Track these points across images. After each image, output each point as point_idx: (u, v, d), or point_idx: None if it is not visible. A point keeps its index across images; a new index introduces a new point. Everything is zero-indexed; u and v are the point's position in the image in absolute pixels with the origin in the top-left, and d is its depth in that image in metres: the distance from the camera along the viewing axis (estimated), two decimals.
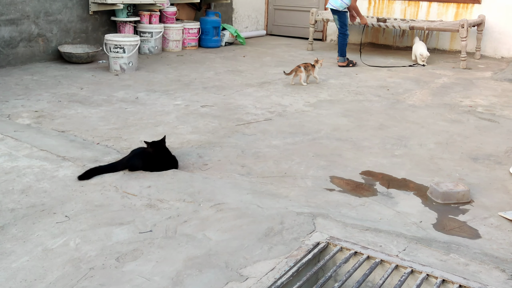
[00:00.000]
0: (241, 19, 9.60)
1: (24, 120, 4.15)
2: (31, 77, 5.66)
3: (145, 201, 2.76)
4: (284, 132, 4.08)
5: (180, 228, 2.46)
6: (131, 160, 3.19)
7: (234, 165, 3.37)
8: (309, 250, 2.24)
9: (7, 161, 3.21)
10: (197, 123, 4.26)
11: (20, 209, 2.60)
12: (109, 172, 3.08)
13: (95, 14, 6.99)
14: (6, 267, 2.10)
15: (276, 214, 2.62)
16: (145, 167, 3.17)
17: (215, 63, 7.02)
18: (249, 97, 5.18)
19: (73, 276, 2.05)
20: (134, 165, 3.16)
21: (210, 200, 2.78)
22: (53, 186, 2.89)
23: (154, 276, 2.06)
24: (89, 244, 2.29)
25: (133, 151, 3.30)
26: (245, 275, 2.06)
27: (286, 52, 8.12)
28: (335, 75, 6.47)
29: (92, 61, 6.63)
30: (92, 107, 4.62)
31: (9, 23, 6.04)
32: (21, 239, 2.32)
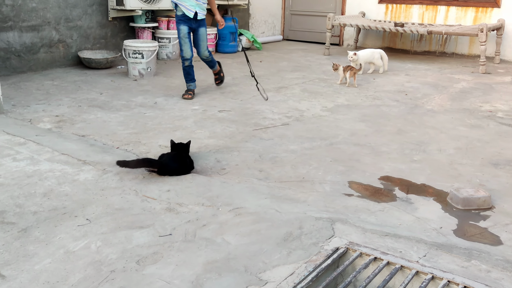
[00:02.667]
0: (258, 25, 9.64)
1: (45, 124, 4.22)
2: (51, 82, 5.76)
3: (164, 204, 2.78)
4: (302, 137, 4.08)
5: (199, 232, 2.48)
6: (170, 163, 3.23)
7: (251, 169, 3.38)
8: (328, 255, 2.24)
9: (29, 165, 3.27)
10: (214, 128, 4.28)
11: (42, 212, 2.65)
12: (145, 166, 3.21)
13: (114, 20, 7.09)
14: (29, 269, 2.14)
15: (294, 219, 2.62)
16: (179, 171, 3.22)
17: (232, 68, 7.05)
18: (266, 102, 5.19)
19: (94, 279, 2.08)
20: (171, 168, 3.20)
21: (229, 204, 2.79)
22: (74, 189, 2.94)
23: (174, 280, 2.07)
24: (110, 247, 2.32)
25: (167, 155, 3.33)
26: (264, 279, 2.07)
27: (303, 57, 8.12)
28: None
29: (111, 66, 6.72)
30: (111, 111, 4.68)
31: (30, 29, 6.17)
32: (43, 241, 2.36)
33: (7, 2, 5.87)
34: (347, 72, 5.99)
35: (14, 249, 2.29)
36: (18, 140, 3.73)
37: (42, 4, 6.23)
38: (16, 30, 6.02)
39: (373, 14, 9.17)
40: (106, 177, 3.13)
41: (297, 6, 9.98)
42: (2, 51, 5.83)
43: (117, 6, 6.79)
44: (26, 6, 6.07)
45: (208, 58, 5.46)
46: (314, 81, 6.26)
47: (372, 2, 9.15)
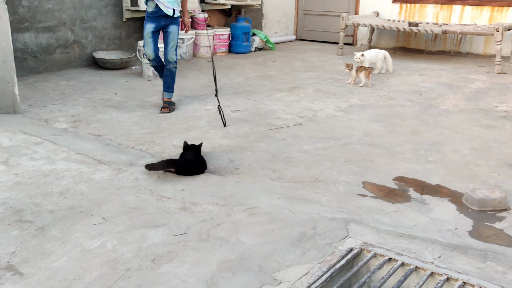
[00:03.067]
0: (271, 25, 9.65)
1: (61, 124, 4.27)
2: (67, 83, 5.83)
3: (179, 204, 2.80)
4: (315, 137, 4.07)
5: (214, 231, 2.49)
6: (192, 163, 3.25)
7: (265, 169, 3.39)
8: (342, 255, 2.24)
9: (46, 164, 3.31)
10: (227, 128, 4.30)
11: (59, 210, 2.69)
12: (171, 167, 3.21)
13: (129, 21, 7.15)
14: (47, 266, 2.17)
15: (308, 219, 2.62)
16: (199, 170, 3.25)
17: (245, 68, 7.07)
18: (279, 102, 5.19)
19: (110, 277, 2.10)
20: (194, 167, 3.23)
21: (242, 204, 2.80)
22: (90, 188, 2.97)
23: (189, 278, 2.09)
24: (125, 246, 2.35)
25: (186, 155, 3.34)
26: (278, 279, 2.08)
27: (316, 57, 8.10)
28: None
29: (126, 67, 6.78)
30: (126, 112, 4.73)
31: (46, 30, 6.25)
32: (60, 239, 2.40)
33: (24, 4, 5.96)
34: (361, 72, 5.97)
35: (32, 247, 2.33)
36: (35, 139, 3.79)
37: (58, 5, 6.31)
38: (33, 31, 6.11)
39: (387, 14, 9.12)
40: (122, 176, 3.16)
41: (310, 6, 9.96)
42: (18, 52, 5.91)
43: (131, 7, 6.84)
44: (42, 7, 6.15)
45: (174, 64, 4.79)
46: (328, 81, 6.24)
47: (386, 2, 9.10)
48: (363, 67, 6.00)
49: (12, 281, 2.07)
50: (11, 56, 4.43)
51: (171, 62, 4.78)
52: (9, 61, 4.42)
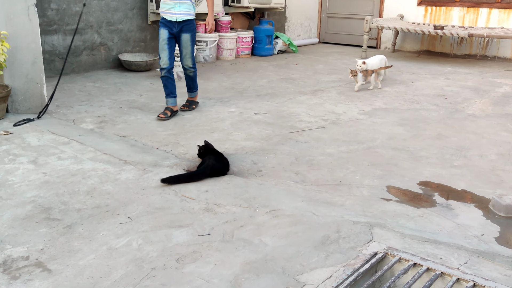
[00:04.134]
0: (294, 27, 9.65)
1: (88, 125, 4.35)
2: (93, 84, 5.94)
3: (202, 205, 2.83)
4: (338, 140, 4.06)
5: (237, 232, 2.51)
6: (216, 166, 3.26)
7: (288, 172, 3.39)
8: (366, 259, 2.23)
9: (73, 164, 3.38)
10: (251, 130, 4.32)
11: (86, 209, 2.74)
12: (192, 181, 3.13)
13: (153, 24, 7.25)
14: (74, 264, 2.22)
15: (332, 222, 2.61)
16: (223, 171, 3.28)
17: (268, 71, 7.08)
18: (302, 105, 5.19)
19: (136, 275, 2.14)
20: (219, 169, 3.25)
21: (266, 206, 2.81)
22: (116, 188, 3.02)
23: (213, 279, 2.11)
24: (150, 245, 2.38)
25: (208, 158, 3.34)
26: (302, 281, 2.08)
27: (339, 60, 8.07)
28: (390, 83, 6.37)
29: (150, 69, 6.87)
30: (151, 113, 4.79)
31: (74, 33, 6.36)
32: (87, 238, 2.45)
33: (53, 6, 6.09)
34: (370, 75, 5.83)
35: (60, 244, 2.38)
36: (62, 139, 3.87)
37: (85, 8, 6.42)
38: (61, 33, 6.24)
39: (411, 17, 9.03)
40: (147, 176, 3.21)
41: (334, 8, 9.93)
42: (47, 54, 6.05)
43: (156, 10, 6.92)
44: (70, 10, 6.28)
45: (190, 70, 4.74)
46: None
47: (411, 5, 9.01)
48: (371, 70, 5.88)
49: (41, 277, 2.12)
50: (40, 57, 4.54)
51: (188, 68, 4.76)
52: (38, 63, 4.53)
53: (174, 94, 4.74)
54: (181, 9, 4.52)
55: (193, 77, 4.85)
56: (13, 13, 4.33)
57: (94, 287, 2.05)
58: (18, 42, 4.37)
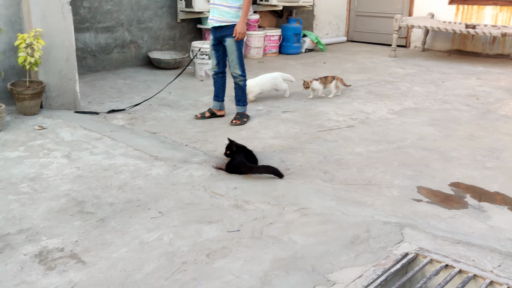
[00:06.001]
0: (322, 26, 9.59)
1: (119, 121, 4.43)
2: (123, 81, 6.04)
3: (232, 201, 2.85)
4: (367, 140, 4.03)
5: (266, 229, 2.52)
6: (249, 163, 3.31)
7: (316, 171, 3.38)
8: (397, 260, 2.21)
9: (105, 159, 3.45)
10: (278, 128, 4.32)
11: (118, 203, 2.80)
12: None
13: (183, 22, 7.32)
14: (107, 256, 2.27)
15: (361, 222, 2.60)
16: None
17: (296, 69, 7.07)
18: (330, 104, 5.17)
19: (167, 269, 2.17)
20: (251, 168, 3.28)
21: (294, 204, 2.82)
22: (147, 183, 3.07)
23: (243, 274, 2.13)
24: (181, 240, 2.42)
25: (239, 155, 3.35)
26: (332, 280, 2.07)
27: (368, 59, 7.99)
28: (420, 82, 6.27)
29: (179, 67, 6.94)
30: (180, 110, 4.84)
31: (105, 31, 6.50)
32: (119, 231, 2.50)
33: (85, 5, 6.22)
34: (330, 83, 5.38)
35: (93, 237, 2.44)
36: (94, 135, 3.95)
37: (116, 6, 6.54)
38: (92, 31, 6.36)
39: (442, 16, 8.86)
40: (177, 172, 3.25)
41: (362, 7, 9.83)
42: (79, 51, 6.17)
43: (186, 8, 7.00)
44: (101, 8, 6.40)
45: (238, 78, 4.45)
46: (380, 83, 6.15)
47: (442, 3, 8.85)
48: (331, 77, 5.45)
49: (76, 268, 2.17)
50: (74, 54, 4.65)
51: (235, 76, 4.45)
52: (72, 60, 4.64)
53: (219, 98, 4.63)
54: (213, 15, 4.30)
55: (242, 87, 4.49)
56: (48, 11, 4.45)
57: (127, 279, 2.09)
58: (52, 40, 4.48)
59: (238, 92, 4.55)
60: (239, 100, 4.57)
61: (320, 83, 5.35)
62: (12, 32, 4.46)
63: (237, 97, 4.57)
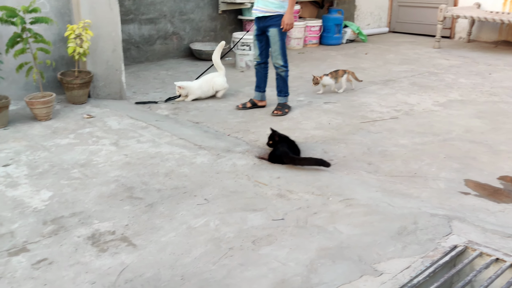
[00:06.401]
0: (363, 16, 9.44)
1: (163, 111, 4.52)
2: (166, 72, 6.14)
3: (275, 190, 2.87)
4: (412, 132, 3.96)
5: (311, 219, 2.53)
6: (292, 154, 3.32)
7: (360, 162, 3.36)
8: (445, 252, 2.17)
9: (151, 147, 3.54)
10: (320, 119, 4.30)
11: (165, 190, 2.87)
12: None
13: (224, 13, 7.36)
14: (157, 240, 2.34)
15: (408, 213, 2.57)
16: None
17: (337, 60, 6.99)
18: (372, 95, 5.10)
19: (215, 254, 2.22)
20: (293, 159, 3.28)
21: (339, 194, 2.81)
22: (192, 171, 3.13)
23: (289, 262, 2.15)
24: (227, 226, 2.46)
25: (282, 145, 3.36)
26: (379, 270, 2.07)
27: (411, 50, 7.82)
28: (466, 74, 6.09)
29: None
30: (221, 101, 4.89)
31: (148, 22, 6.61)
32: (167, 216, 2.56)
33: None
34: (341, 77, 5.18)
35: (143, 221, 2.51)
36: (140, 124, 4.05)
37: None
38: (136, 23, 6.49)
39: (489, 5, 8.54)
40: (220, 161, 3.29)
41: None
42: (123, 42, 6.26)
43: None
44: (145, 0, 6.51)
45: (280, 69, 4.43)
46: (424, 75, 6.01)
47: None
48: (342, 71, 5.22)
49: (127, 251, 2.25)
50: (120, 45, 4.76)
51: (277, 67, 4.43)
52: (118, 50, 4.75)
53: (260, 88, 4.64)
54: (258, 5, 4.28)
55: (284, 78, 4.46)
56: (96, 3, 4.57)
57: (176, 262, 2.15)
58: (100, 31, 4.61)
59: (279, 82, 4.54)
60: (280, 91, 4.57)
61: (331, 77, 5.13)
62: (62, 23, 4.62)
63: (278, 88, 4.57)
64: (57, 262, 2.16)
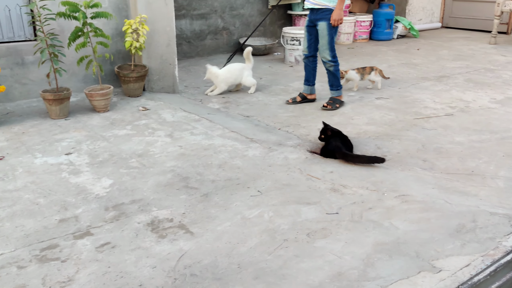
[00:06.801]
0: (415, 11, 9.21)
1: (214, 104, 4.60)
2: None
3: (328, 185, 2.87)
4: (468, 129, 3.84)
5: (366, 214, 2.51)
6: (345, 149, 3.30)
7: (414, 158, 3.30)
8: (507, 251, 2.11)
9: (204, 139, 3.61)
10: (372, 115, 4.25)
11: (219, 181, 2.92)
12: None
13: (273, 8, 7.37)
14: (213, 229, 2.39)
15: (466, 211, 2.51)
16: None
17: (387, 55, 6.87)
18: (426, 91, 4.98)
19: (270, 244, 2.25)
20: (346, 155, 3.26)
21: (394, 190, 2.78)
22: (245, 163, 3.18)
23: (344, 255, 2.15)
24: (281, 218, 2.48)
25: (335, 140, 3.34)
26: (437, 267, 2.03)
27: (465, 46, 7.57)
28: None
29: (269, 53, 7.02)
30: (271, 95, 4.92)
31: (200, 17, 6.72)
32: (222, 206, 2.61)
33: None
34: (368, 74, 5.01)
35: (199, 210, 2.57)
36: (193, 117, 4.14)
37: None
38: (188, 18, 6.62)
39: None
40: (272, 155, 3.32)
41: None
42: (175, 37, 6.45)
43: None
44: None
45: (328, 64, 4.38)
46: (480, 71, 5.81)
47: None
48: (370, 67, 5.05)
49: (185, 238, 2.31)
50: (174, 40, 4.87)
51: (325, 61, 4.39)
52: (172, 45, 4.86)
53: (309, 82, 4.63)
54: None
55: (333, 72, 4.42)
56: None
57: (232, 251, 2.20)
58: (155, 25, 4.73)
59: (329, 77, 4.51)
60: (332, 85, 4.54)
61: (357, 73, 4.98)
62: (119, 18, 4.77)
63: (329, 82, 4.54)
64: (119, 246, 2.25)
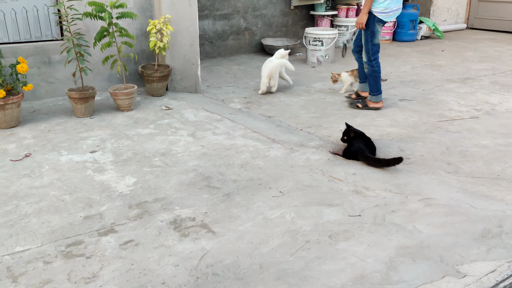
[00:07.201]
0: (440, 12, 9.08)
1: (236, 104, 4.61)
2: (238, 67, 6.24)
3: (351, 187, 2.85)
4: (494, 132, 3.77)
5: (389, 216, 2.49)
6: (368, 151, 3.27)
7: (438, 161, 3.25)
8: None
9: (226, 139, 3.62)
10: (396, 117, 4.21)
11: (241, 181, 2.93)
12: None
13: (296, 9, 7.36)
14: (235, 229, 2.40)
15: (492, 216, 2.46)
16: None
17: (411, 57, 6.79)
18: (450, 93, 4.91)
19: (291, 246, 2.24)
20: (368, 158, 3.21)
21: (418, 193, 2.74)
22: (266, 164, 3.18)
23: (367, 258, 2.13)
24: (302, 220, 2.48)
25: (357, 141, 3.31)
26: (462, 272, 2.00)
27: (491, 47, 7.43)
28: None
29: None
30: (293, 96, 4.91)
31: (222, 18, 6.75)
32: (244, 206, 2.62)
33: None
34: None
35: (220, 210, 2.59)
36: (215, 117, 4.16)
37: None
38: (211, 18, 6.65)
39: None
40: (294, 155, 3.32)
41: None
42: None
43: None
44: None
45: (365, 65, 4.38)
46: (506, 73, 5.70)
47: None
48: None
49: (207, 237, 2.33)
50: (197, 40, 4.90)
51: (364, 63, 4.37)
52: (195, 45, 4.90)
53: (361, 80, 4.67)
54: None
55: (369, 75, 4.36)
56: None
57: (254, 251, 2.20)
58: (179, 26, 4.77)
59: (368, 80, 4.42)
60: (371, 89, 4.40)
61: (350, 75, 4.91)
62: (143, 18, 4.83)
63: (369, 86, 4.44)
64: (142, 244, 2.28)
